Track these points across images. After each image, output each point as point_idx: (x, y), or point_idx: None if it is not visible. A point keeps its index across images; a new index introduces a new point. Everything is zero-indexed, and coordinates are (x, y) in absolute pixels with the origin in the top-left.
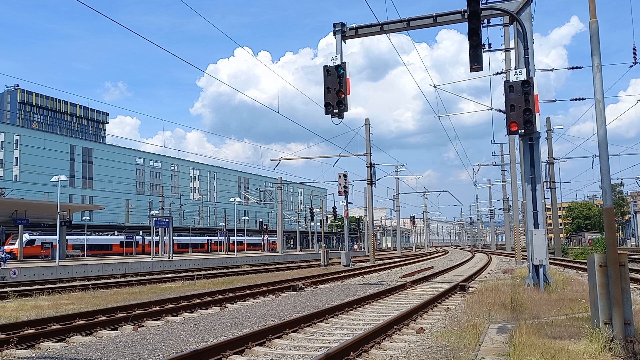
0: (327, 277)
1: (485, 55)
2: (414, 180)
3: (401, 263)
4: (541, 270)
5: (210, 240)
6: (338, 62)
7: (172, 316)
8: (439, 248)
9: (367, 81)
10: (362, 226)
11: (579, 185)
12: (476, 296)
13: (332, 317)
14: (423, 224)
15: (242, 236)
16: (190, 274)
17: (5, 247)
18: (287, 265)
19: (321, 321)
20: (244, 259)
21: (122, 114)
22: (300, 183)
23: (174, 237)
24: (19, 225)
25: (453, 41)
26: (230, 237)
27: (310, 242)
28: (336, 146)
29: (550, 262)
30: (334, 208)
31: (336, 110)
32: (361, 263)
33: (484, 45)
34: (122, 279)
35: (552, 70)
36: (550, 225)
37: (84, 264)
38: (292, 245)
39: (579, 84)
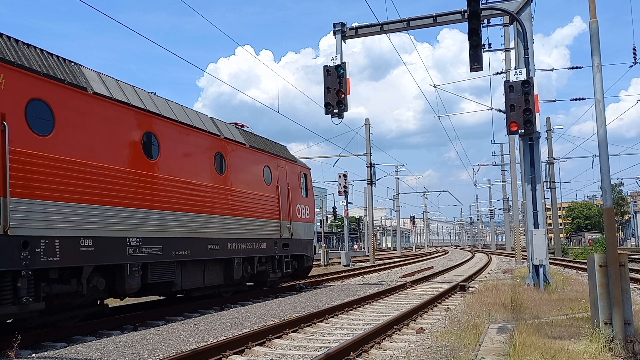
0: (327, 277)
1: (485, 55)
2: (414, 180)
3: (401, 263)
4: (541, 270)
5: None
6: (338, 62)
7: (172, 316)
8: (438, 248)
9: (369, 81)
10: (362, 226)
11: (579, 185)
12: (476, 296)
13: (332, 317)
14: (423, 224)
15: None
16: None
17: None
18: None
19: (321, 321)
20: None
21: None
22: None
23: None
24: None
25: (455, 40)
26: None
27: None
28: (336, 146)
29: (550, 262)
30: (334, 208)
31: (336, 110)
32: (361, 263)
33: (484, 45)
34: None
35: (552, 70)
36: (550, 225)
37: None
38: None
39: (581, 83)
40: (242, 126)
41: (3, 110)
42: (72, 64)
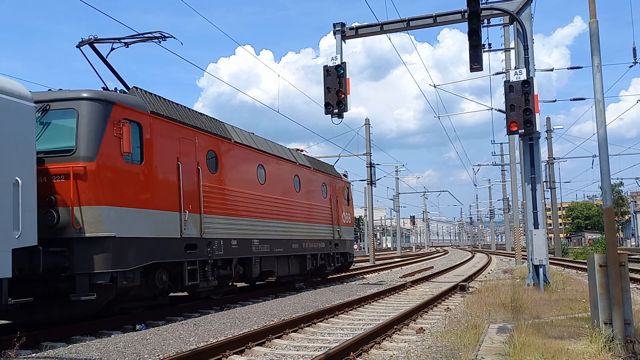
0: (327, 277)
1: (485, 55)
2: (414, 180)
3: (401, 263)
4: (541, 270)
5: None
6: (338, 62)
7: (172, 316)
8: (438, 248)
9: (369, 80)
10: (362, 226)
11: (579, 185)
12: (476, 296)
13: (332, 317)
14: (423, 224)
15: None
16: None
17: None
18: None
19: (321, 321)
20: None
21: None
22: None
23: None
24: None
25: (455, 40)
26: None
27: None
28: (336, 146)
29: (550, 262)
30: None
31: (336, 110)
32: (361, 263)
33: (484, 45)
34: None
35: (552, 70)
36: (550, 225)
37: None
38: None
39: (581, 83)
40: (302, 151)
41: (198, 159)
42: (220, 122)
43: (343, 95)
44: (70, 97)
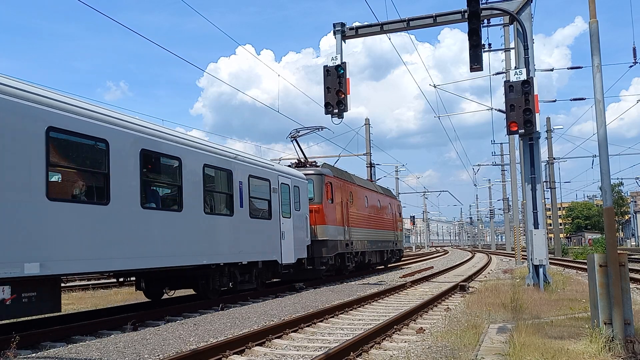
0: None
1: (485, 55)
2: (414, 180)
3: (401, 263)
4: (541, 270)
5: None
6: (338, 62)
7: (172, 316)
8: (438, 248)
9: (369, 80)
10: None
11: (579, 185)
12: (476, 296)
13: (332, 317)
14: (423, 224)
15: None
16: None
17: None
18: None
19: (321, 321)
20: None
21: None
22: None
23: None
24: None
25: (455, 40)
26: None
27: None
28: (337, 146)
29: (550, 262)
30: None
31: (336, 110)
32: None
33: (484, 45)
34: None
35: (552, 70)
36: (550, 225)
37: None
38: None
39: (581, 83)
40: (373, 181)
41: (346, 197)
42: (350, 174)
43: (343, 95)
44: (309, 173)
